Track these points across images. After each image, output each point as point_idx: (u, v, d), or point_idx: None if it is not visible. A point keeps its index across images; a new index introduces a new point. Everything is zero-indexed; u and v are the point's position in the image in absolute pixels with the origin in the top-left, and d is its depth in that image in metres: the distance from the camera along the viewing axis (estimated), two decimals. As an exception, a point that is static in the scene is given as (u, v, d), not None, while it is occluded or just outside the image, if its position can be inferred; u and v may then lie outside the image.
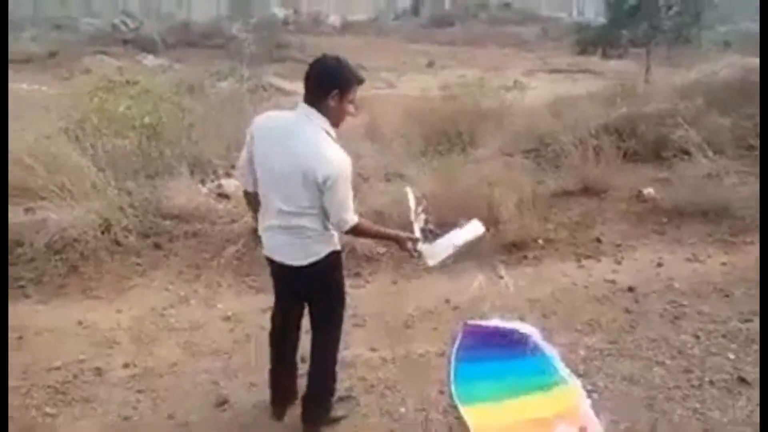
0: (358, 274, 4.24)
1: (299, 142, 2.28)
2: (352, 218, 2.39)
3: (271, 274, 2.65)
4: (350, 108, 2.37)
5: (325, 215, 2.37)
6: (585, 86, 11.36)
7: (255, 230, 2.69)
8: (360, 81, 2.36)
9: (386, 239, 2.81)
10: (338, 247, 2.53)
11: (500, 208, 4.65)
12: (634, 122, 6.99)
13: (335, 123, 2.36)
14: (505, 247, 4.47)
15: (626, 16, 16.76)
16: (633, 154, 6.31)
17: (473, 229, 2.72)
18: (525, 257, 4.40)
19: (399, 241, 2.62)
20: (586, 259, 4.39)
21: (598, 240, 4.64)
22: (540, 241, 4.55)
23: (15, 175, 4.76)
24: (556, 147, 6.16)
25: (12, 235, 4.37)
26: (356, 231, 2.48)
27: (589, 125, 6.58)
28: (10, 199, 4.72)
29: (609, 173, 5.58)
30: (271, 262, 2.55)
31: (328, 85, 2.29)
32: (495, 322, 3.33)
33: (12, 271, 4.19)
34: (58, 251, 4.30)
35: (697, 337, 3.35)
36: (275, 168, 2.32)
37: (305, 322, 2.70)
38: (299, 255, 2.43)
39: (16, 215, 4.57)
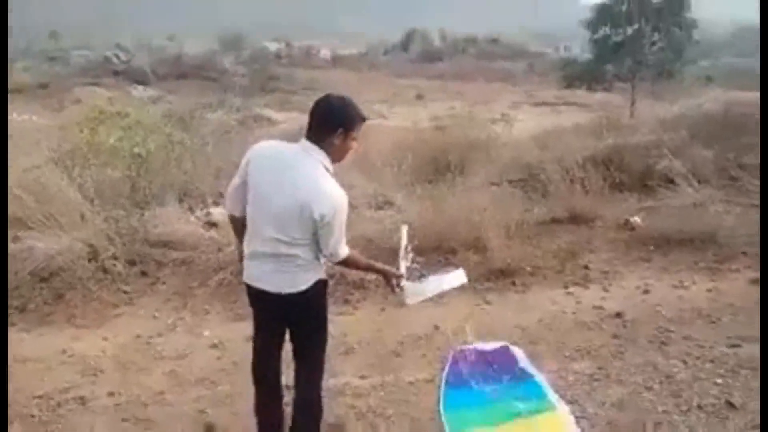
0: (347, 302, 4.23)
1: (298, 176, 2.27)
2: (344, 251, 2.41)
3: (252, 302, 2.57)
4: (353, 144, 2.37)
5: (316, 246, 2.38)
6: (571, 119, 11.59)
7: (241, 257, 2.65)
8: (364, 119, 2.38)
9: (373, 272, 2.82)
10: (325, 276, 2.52)
11: (488, 235, 4.69)
12: (619, 153, 7.14)
13: (337, 159, 2.36)
14: (493, 274, 4.49)
15: (611, 51, 17.29)
16: (619, 184, 6.42)
17: (457, 277, 2.76)
18: (513, 284, 4.41)
19: (385, 275, 2.63)
20: (574, 286, 4.41)
21: (586, 267, 4.68)
22: (528, 269, 4.57)
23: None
24: (543, 177, 6.24)
25: (-2, 264, 4.34)
26: (347, 263, 2.50)
27: (575, 156, 6.69)
28: (-3, 228, 4.71)
29: (596, 203, 5.66)
30: (253, 290, 2.49)
31: (333, 124, 2.29)
32: (483, 344, 3.32)
33: (-3, 299, 4.15)
34: (44, 279, 4.28)
35: (685, 363, 3.35)
36: (270, 197, 2.30)
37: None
38: (287, 283, 2.40)
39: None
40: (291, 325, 2.55)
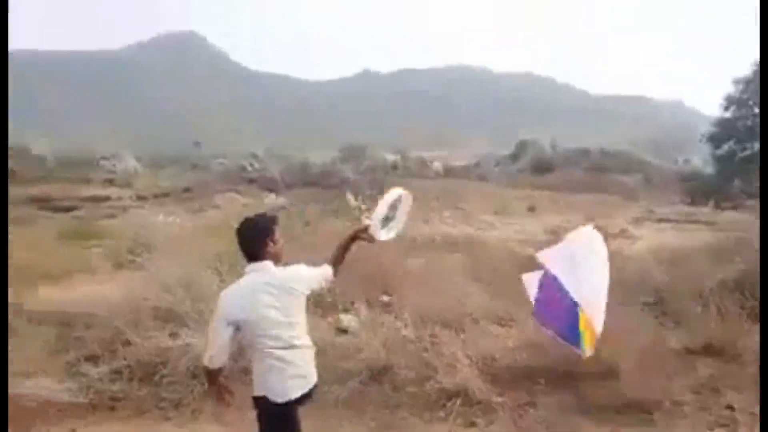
0: (473, 424, 4.24)
1: (271, 284, 2.75)
2: (329, 272, 2.94)
3: (293, 417, 2.83)
4: (280, 242, 2.85)
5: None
6: (697, 237, 11.10)
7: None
8: (277, 221, 2.89)
9: (350, 243, 3.07)
10: None
11: (619, 361, 4.56)
12: (755, 278, 6.73)
13: (278, 261, 2.83)
14: (626, 405, 4.32)
15: (738, 167, 16.59)
16: (758, 313, 6.02)
17: (393, 193, 3.06)
18: (651, 419, 4.20)
19: (357, 236, 3.02)
20: (720, 427, 4.12)
21: (731, 408, 4.37)
22: (666, 403, 4.36)
23: (166, 301, 5.38)
24: (673, 301, 6.01)
25: (158, 358, 4.86)
26: (338, 271, 2.99)
27: (706, 280, 6.42)
28: (157, 323, 5.30)
29: (734, 333, 5.34)
30: (292, 404, 2.79)
31: (262, 237, 2.79)
32: None
33: (155, 391, 4.62)
34: (196, 375, 4.68)
35: None
36: (270, 313, 2.73)
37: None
38: (314, 369, 2.87)
39: (163, 339, 5.07)
40: None
